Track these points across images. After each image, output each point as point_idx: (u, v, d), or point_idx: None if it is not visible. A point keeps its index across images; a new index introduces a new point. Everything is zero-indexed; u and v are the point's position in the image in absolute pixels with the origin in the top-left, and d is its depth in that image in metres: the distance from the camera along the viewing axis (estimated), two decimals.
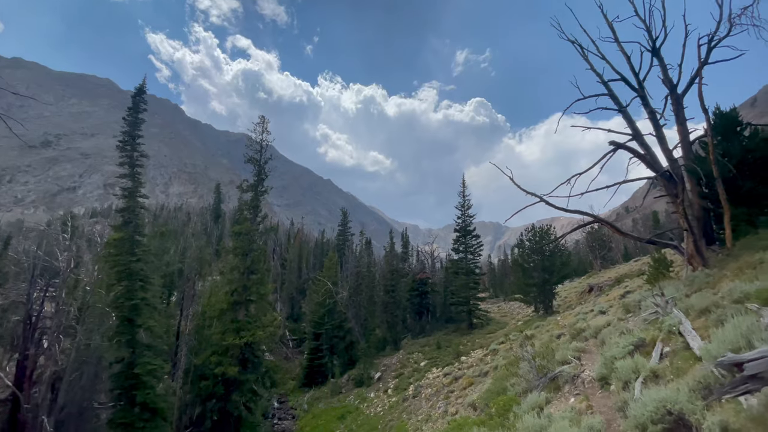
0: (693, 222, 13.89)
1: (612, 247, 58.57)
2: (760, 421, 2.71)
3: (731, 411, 3.02)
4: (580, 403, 6.72)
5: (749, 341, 3.73)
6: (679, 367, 5.21)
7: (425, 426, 17.14)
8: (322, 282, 38.32)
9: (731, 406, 3.09)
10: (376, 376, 30.29)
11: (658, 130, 14.83)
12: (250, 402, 20.56)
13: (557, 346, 12.73)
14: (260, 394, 21.95)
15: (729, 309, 5.92)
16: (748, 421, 2.80)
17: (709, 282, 10.86)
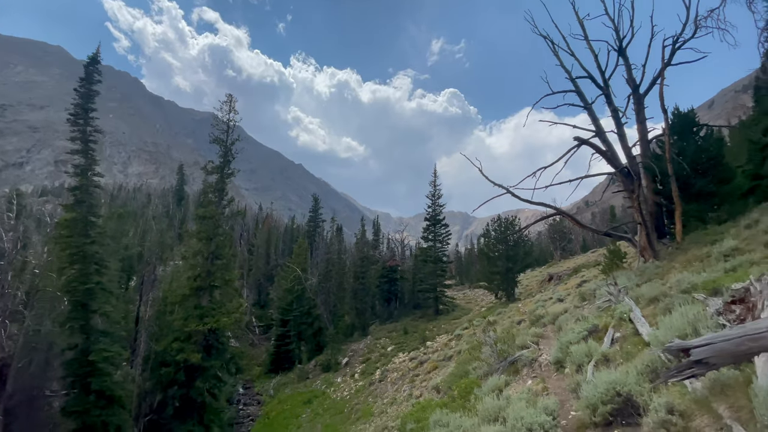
0: (647, 216, 14.77)
1: (571, 239, 61.54)
2: (704, 404, 2.96)
3: (676, 393, 3.27)
4: (536, 385, 7.07)
5: (695, 328, 4.04)
6: (629, 352, 5.58)
7: (390, 409, 17.55)
8: (291, 268, 37.86)
9: (676, 389, 3.35)
10: (343, 361, 30.57)
11: (620, 127, 15.53)
12: (214, 388, 20.16)
13: (518, 331, 13.30)
14: (225, 380, 21.57)
15: (676, 298, 6.37)
16: (692, 403, 3.04)
17: (659, 273, 11.65)
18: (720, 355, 2.65)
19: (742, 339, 2.64)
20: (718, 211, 14.78)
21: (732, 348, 2.65)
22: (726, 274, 7.08)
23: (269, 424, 24.47)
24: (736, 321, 3.88)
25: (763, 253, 6.86)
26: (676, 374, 2.82)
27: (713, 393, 2.99)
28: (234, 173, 21.47)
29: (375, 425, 15.46)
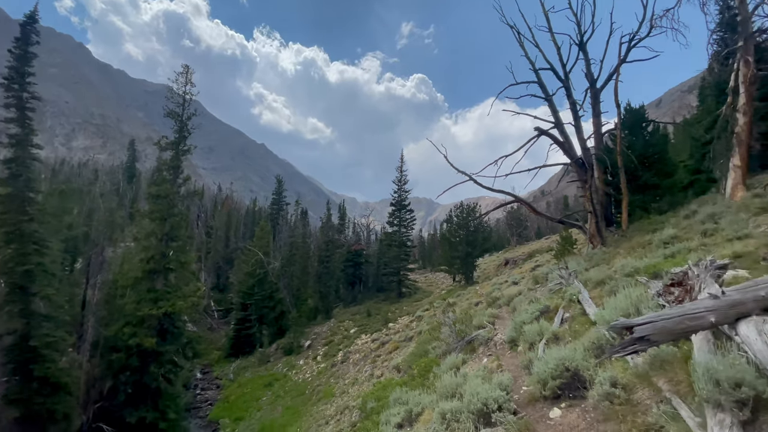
0: (597, 206, 15.70)
1: (527, 226, 64.54)
2: (645, 378, 3.23)
3: (619, 368, 3.56)
4: (492, 363, 7.42)
5: (638, 309, 4.39)
6: (577, 330, 5.97)
7: (352, 389, 17.83)
8: (252, 252, 36.87)
9: (620, 364, 3.64)
10: (306, 344, 30.55)
11: (577, 120, 16.24)
12: (170, 373, 19.50)
13: (475, 312, 13.86)
14: (181, 365, 20.89)
15: (621, 281, 6.86)
16: (634, 377, 3.32)
17: (606, 258, 12.50)
18: (661, 333, 2.88)
19: (681, 318, 2.88)
20: (660, 202, 16.00)
21: (672, 326, 2.88)
22: (665, 259, 7.70)
23: (228, 408, 24.14)
24: (675, 302, 4.25)
25: (699, 241, 7.53)
26: (620, 350, 3.03)
27: (653, 368, 3.28)
28: (190, 150, 20.32)
29: (336, 405, 15.68)
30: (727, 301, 2.82)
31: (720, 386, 2.17)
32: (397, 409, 7.35)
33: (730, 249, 5.81)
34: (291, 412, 20.31)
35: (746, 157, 11.67)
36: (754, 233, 6.54)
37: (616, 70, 15.85)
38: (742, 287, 2.82)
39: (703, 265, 4.48)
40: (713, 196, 13.70)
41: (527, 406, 4.25)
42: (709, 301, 2.90)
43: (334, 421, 13.22)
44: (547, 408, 3.97)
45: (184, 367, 23.24)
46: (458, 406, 4.23)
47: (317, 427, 14.18)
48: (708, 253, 6.25)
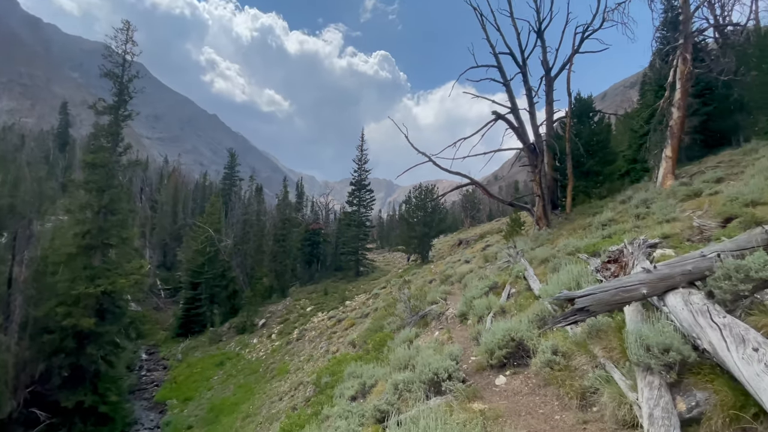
0: (545, 190, 16.58)
1: (480, 209, 67.21)
2: (582, 345, 3.50)
3: (560, 338, 3.82)
4: (443, 335, 7.73)
5: (578, 283, 4.72)
6: (522, 304, 6.35)
7: (307, 365, 17.90)
8: (202, 229, 35.14)
9: (560, 334, 3.91)
10: (260, 322, 30.08)
11: (531, 106, 16.84)
12: (111, 355, 18.39)
13: (429, 289, 14.33)
14: (123, 346, 19.78)
15: (563, 259, 7.33)
16: (573, 345, 3.59)
17: (550, 239, 13.33)
18: (599, 304, 3.09)
19: (617, 290, 3.11)
20: (601, 188, 17.22)
21: (609, 298, 3.11)
22: (603, 240, 8.33)
23: (176, 389, 23.37)
24: (611, 277, 4.61)
25: (633, 224, 8.23)
26: (562, 321, 3.24)
27: (590, 337, 3.56)
28: (132, 116, 18.61)
29: (290, 381, 15.71)
30: (658, 275, 3.09)
31: (650, 351, 2.39)
32: (351, 382, 7.48)
33: (659, 230, 6.39)
34: (243, 390, 20.08)
35: (677, 148, 12.79)
36: (680, 217, 7.25)
37: (569, 59, 16.51)
38: (671, 263, 3.10)
39: (636, 244, 4.88)
40: (646, 184, 14.96)
41: (475, 374, 4.48)
42: (642, 274, 3.16)
43: (288, 397, 13.25)
44: (494, 376, 4.21)
45: (127, 348, 22.07)
46: (410, 377, 4.37)
47: (270, 404, 14.16)
48: (640, 234, 6.83)
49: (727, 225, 5.21)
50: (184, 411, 20.26)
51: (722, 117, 17.37)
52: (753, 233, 3.00)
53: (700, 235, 5.49)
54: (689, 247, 4.84)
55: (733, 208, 5.60)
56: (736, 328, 2.07)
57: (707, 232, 5.41)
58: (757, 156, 10.07)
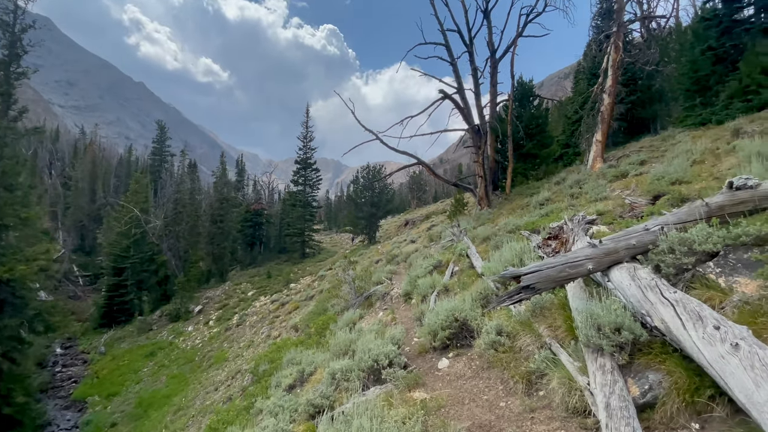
0: (487, 171, 16.96)
1: (426, 190, 68.71)
2: (527, 325, 3.34)
3: (504, 317, 3.67)
4: (387, 316, 7.51)
5: (521, 260, 4.64)
6: (465, 282, 6.26)
7: (246, 352, 17.06)
8: (127, 208, 31.75)
9: (504, 313, 3.77)
10: (196, 309, 28.23)
11: (477, 87, 16.92)
12: (13, 352, 16.08)
13: (375, 269, 14.14)
14: (29, 341, 17.38)
15: (504, 237, 7.37)
16: (518, 325, 3.42)
17: (491, 218, 13.68)
18: (545, 281, 2.91)
19: (563, 266, 2.94)
20: (538, 170, 17.98)
21: (555, 274, 2.93)
22: (541, 218, 8.55)
23: (99, 384, 21.26)
24: (552, 253, 4.56)
25: (568, 202, 8.55)
26: (507, 300, 3.02)
27: (534, 315, 3.43)
28: (27, 73, 15.74)
29: (228, 370, 14.85)
30: (603, 250, 2.97)
31: (601, 331, 2.22)
32: (289, 370, 7.03)
33: (593, 209, 6.60)
34: (177, 381, 18.76)
35: (607, 133, 13.57)
36: (611, 196, 7.60)
37: (514, 42, 16.72)
38: (616, 237, 3.01)
39: (576, 220, 4.88)
40: (578, 167, 15.86)
41: (418, 357, 4.25)
42: (587, 249, 3.03)
43: (224, 387, 12.46)
44: (437, 358, 3.99)
45: (35, 342, 19.49)
46: (349, 365, 4.02)
47: (205, 394, 13.26)
48: (576, 212, 7.02)
49: (656, 202, 5.47)
50: (108, 407, 18.51)
51: (644, 106, 18.84)
52: (694, 206, 2.98)
53: (631, 211, 5.71)
54: (623, 223, 4.97)
55: (660, 186, 5.91)
56: (689, 304, 1.94)
57: (638, 208, 5.65)
58: (674, 141, 10.95)
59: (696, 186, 5.34)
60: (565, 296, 3.40)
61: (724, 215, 2.88)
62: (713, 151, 7.24)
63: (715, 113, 11.87)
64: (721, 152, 6.82)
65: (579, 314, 2.51)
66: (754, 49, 10.91)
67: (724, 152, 6.71)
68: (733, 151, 6.30)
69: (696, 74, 13.53)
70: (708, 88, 13.10)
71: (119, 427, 16.04)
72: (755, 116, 8.83)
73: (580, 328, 2.34)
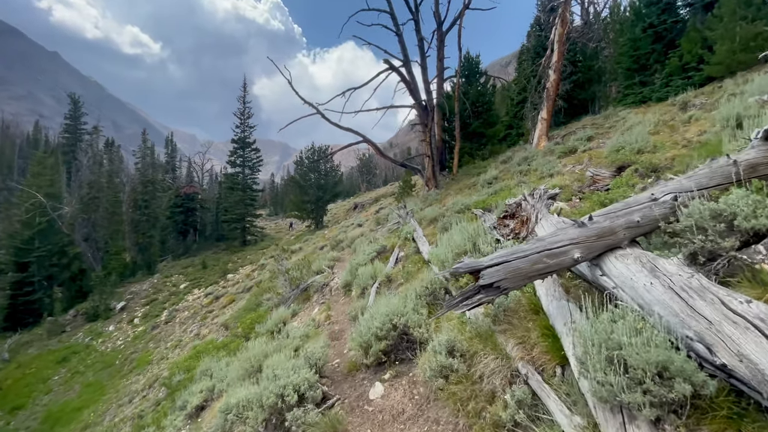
0: (434, 150, 16.20)
1: (376, 173, 67.80)
2: (489, 339, 2.38)
3: (457, 324, 2.72)
4: (321, 314, 6.43)
5: (475, 244, 3.72)
6: (410, 271, 5.33)
7: (173, 353, 15.18)
8: (28, 193, 27.19)
9: (457, 318, 2.81)
10: (118, 306, 25.15)
11: (423, 59, 15.92)
12: None
13: (318, 256, 12.93)
14: None
15: (453, 217, 6.53)
16: (476, 339, 2.45)
17: (439, 198, 12.97)
18: (514, 277, 1.97)
19: (539, 255, 2.00)
20: (484, 149, 17.62)
21: (527, 267, 2.00)
22: (490, 196, 7.85)
23: (2, 396, 18.17)
24: (511, 234, 3.70)
25: (518, 179, 7.91)
26: (461, 304, 2.06)
27: (497, 322, 2.50)
28: None
29: (148, 376, 12.97)
30: (594, 230, 2.07)
31: (632, 374, 1.29)
32: (201, 384, 5.74)
33: (547, 184, 5.92)
34: (92, 390, 16.40)
35: (551, 110, 13.31)
36: (563, 171, 7.05)
37: (461, 13, 15.87)
38: (609, 212, 2.14)
39: (538, 195, 4.05)
40: (522, 146, 15.64)
41: (346, 378, 3.22)
42: (571, 230, 2.12)
43: (139, 398, 10.72)
44: (369, 381, 2.99)
45: None
46: (249, 397, 2.88)
47: (117, 407, 11.40)
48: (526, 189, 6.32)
49: (622, 173, 4.88)
50: (11, 424, 15.80)
51: (584, 87, 19.11)
52: (716, 165, 2.18)
53: (593, 185, 5.10)
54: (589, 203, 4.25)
55: (623, 157, 5.35)
56: None
57: (601, 181, 5.04)
58: (618, 118, 10.84)
59: (666, 154, 4.81)
60: (535, 293, 2.50)
61: (758, 177, 2.12)
62: (666, 123, 6.93)
63: (655, 91, 11.97)
64: (676, 123, 6.48)
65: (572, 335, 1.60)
66: (695, 25, 10.98)
67: (680, 122, 6.37)
68: (691, 121, 5.94)
69: (636, 53, 13.62)
70: (647, 66, 13.24)
71: None
72: (698, 92, 8.78)
73: (589, 367, 1.40)
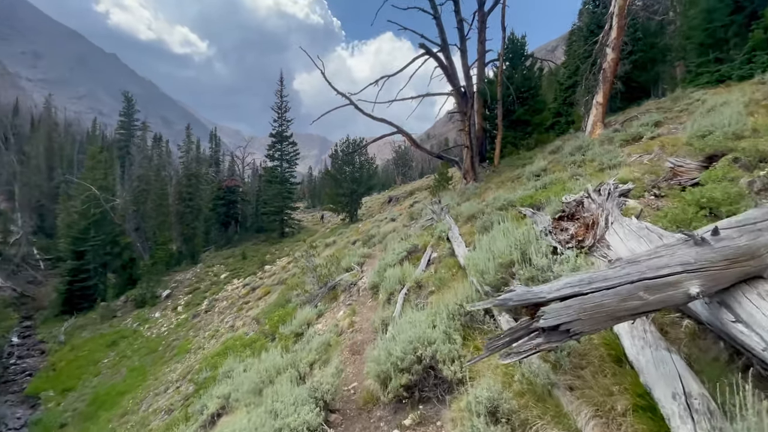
0: (473, 140, 15.16)
1: (412, 166, 66.70)
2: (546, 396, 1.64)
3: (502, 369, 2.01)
4: (345, 318, 5.93)
5: (525, 253, 2.96)
6: (442, 278, 4.65)
7: (209, 343, 15.48)
8: (83, 186, 29.13)
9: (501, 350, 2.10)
10: (164, 293, 26.39)
11: (463, 42, 14.86)
12: None
13: (348, 252, 12.51)
14: None
15: (494, 215, 5.73)
16: (528, 395, 1.69)
17: (477, 193, 12.04)
18: (593, 318, 1.29)
19: (633, 287, 1.30)
20: (529, 138, 16.30)
21: (614, 304, 1.30)
22: (537, 191, 6.92)
23: (55, 377, 19.59)
24: (571, 242, 2.91)
25: (572, 172, 6.88)
26: (510, 351, 1.39)
27: (560, 370, 1.76)
28: None
29: (184, 367, 13.27)
30: (725, 251, 1.32)
31: None
32: (222, 387, 5.42)
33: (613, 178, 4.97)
34: (136, 374, 17.19)
35: (608, 94, 11.89)
36: (629, 162, 6.00)
37: None
38: (744, 222, 1.36)
39: (606, 191, 3.21)
40: (573, 135, 14.23)
41: (359, 415, 2.65)
42: (685, 249, 1.38)
43: (173, 389, 10.91)
44: (386, 424, 2.39)
45: None
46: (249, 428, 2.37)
47: (154, 396, 11.70)
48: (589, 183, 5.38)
49: (714, 164, 3.86)
50: (61, 404, 16.91)
51: (645, 68, 17.15)
52: None
53: (674, 178, 4.12)
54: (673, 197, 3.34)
55: (715, 143, 4.27)
56: None
57: (685, 174, 4.05)
58: (690, 100, 9.37)
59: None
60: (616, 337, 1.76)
61: None
62: (759, 103, 5.68)
63: (736, 68, 10.27)
64: None
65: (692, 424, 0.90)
66: None
67: None
68: None
69: (711, 25, 11.84)
70: (725, 40, 11.45)
71: (68, 428, 14.47)
72: None
73: None
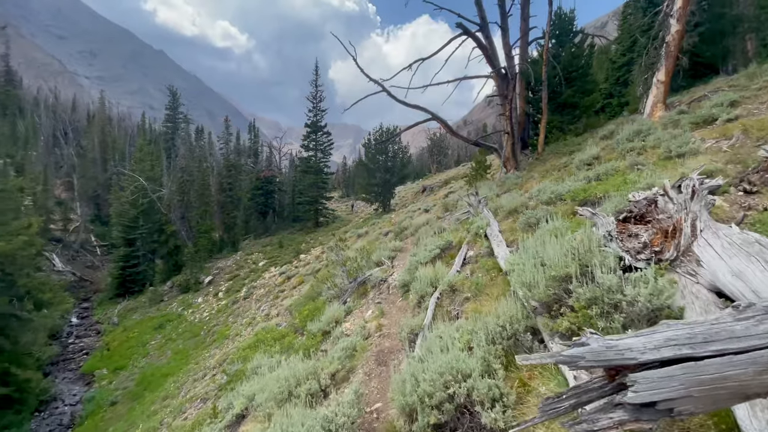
0: (515, 125, 14.18)
1: (447, 154, 64.92)
2: None
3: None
4: (373, 320, 5.58)
5: (585, 266, 2.35)
6: (480, 283, 4.14)
7: (246, 330, 15.87)
8: (132, 177, 30.83)
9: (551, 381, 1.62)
10: (206, 280, 27.58)
11: (504, 19, 13.81)
12: (8, 329, 15.58)
13: (379, 245, 12.17)
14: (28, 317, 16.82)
15: (539, 210, 5.10)
16: None
17: (519, 183, 11.20)
18: (713, 396, 0.77)
19: None
20: (577, 123, 15.02)
21: (748, 377, 0.77)
22: (590, 183, 6.15)
23: (108, 356, 21.04)
24: (644, 252, 2.32)
25: (632, 160, 6.01)
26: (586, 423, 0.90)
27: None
28: None
29: (221, 353, 13.65)
30: None
31: None
32: (247, 387, 5.29)
33: (676, 169, 4.20)
34: (180, 357, 18.06)
35: (672, 71, 10.56)
36: (702, 149, 5.12)
37: None
38: None
39: (689, 187, 2.56)
40: (628, 118, 12.88)
41: None
42: None
43: (209, 376, 11.21)
44: None
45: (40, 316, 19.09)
46: None
47: (192, 382, 12.11)
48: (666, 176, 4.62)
49: None
50: (113, 383, 18.12)
51: (713, 41, 15.22)
52: None
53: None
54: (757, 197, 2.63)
55: None
56: None
57: None
58: None
59: None
60: None
61: None
62: None
63: None
64: None
65: None
66: None
67: None
68: None
69: None
70: None
71: (118, 406, 15.44)
72: None
73: None
